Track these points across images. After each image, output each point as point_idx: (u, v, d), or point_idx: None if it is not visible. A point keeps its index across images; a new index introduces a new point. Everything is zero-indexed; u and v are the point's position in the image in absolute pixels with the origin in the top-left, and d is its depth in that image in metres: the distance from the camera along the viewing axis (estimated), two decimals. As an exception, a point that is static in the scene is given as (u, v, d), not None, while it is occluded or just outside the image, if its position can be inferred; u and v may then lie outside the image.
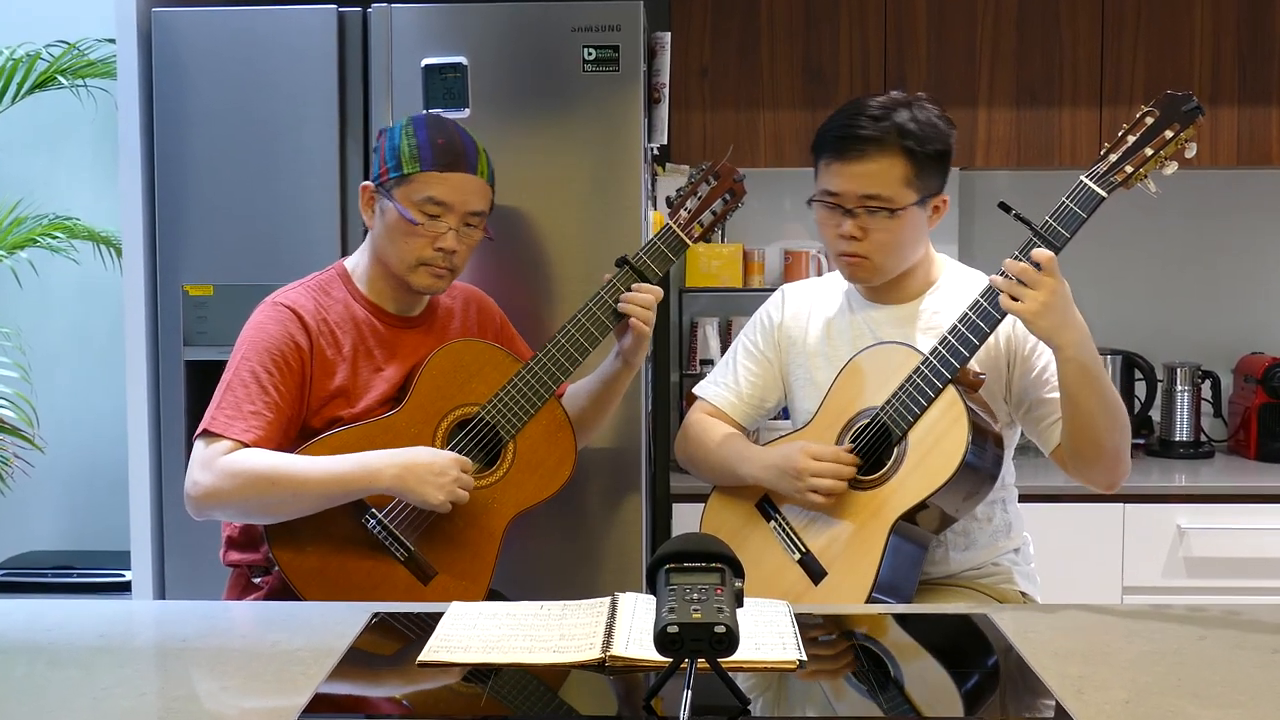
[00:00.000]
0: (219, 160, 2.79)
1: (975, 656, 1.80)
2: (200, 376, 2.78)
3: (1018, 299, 2.00)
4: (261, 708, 1.53)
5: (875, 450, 2.14)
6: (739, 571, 1.48)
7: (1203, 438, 3.61)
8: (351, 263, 2.34)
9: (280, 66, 2.78)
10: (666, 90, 2.92)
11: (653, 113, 2.90)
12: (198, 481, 2.12)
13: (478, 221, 2.28)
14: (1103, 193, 2.04)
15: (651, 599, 1.50)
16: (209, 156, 2.80)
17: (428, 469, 2.11)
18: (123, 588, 3.33)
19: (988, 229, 3.70)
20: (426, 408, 2.22)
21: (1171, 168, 2.05)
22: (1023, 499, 2.39)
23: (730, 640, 1.37)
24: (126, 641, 1.80)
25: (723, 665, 1.42)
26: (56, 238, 3.53)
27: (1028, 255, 2.01)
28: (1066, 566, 3.06)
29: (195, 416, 2.56)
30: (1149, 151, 2.03)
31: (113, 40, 2.91)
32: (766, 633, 1.67)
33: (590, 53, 2.73)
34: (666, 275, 2.35)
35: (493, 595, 2.25)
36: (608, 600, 1.78)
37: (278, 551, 2.14)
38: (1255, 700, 1.49)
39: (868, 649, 1.80)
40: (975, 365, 2.15)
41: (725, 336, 3.58)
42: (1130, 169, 2.04)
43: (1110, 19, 3.38)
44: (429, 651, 1.64)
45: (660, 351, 3.32)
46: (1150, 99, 2.08)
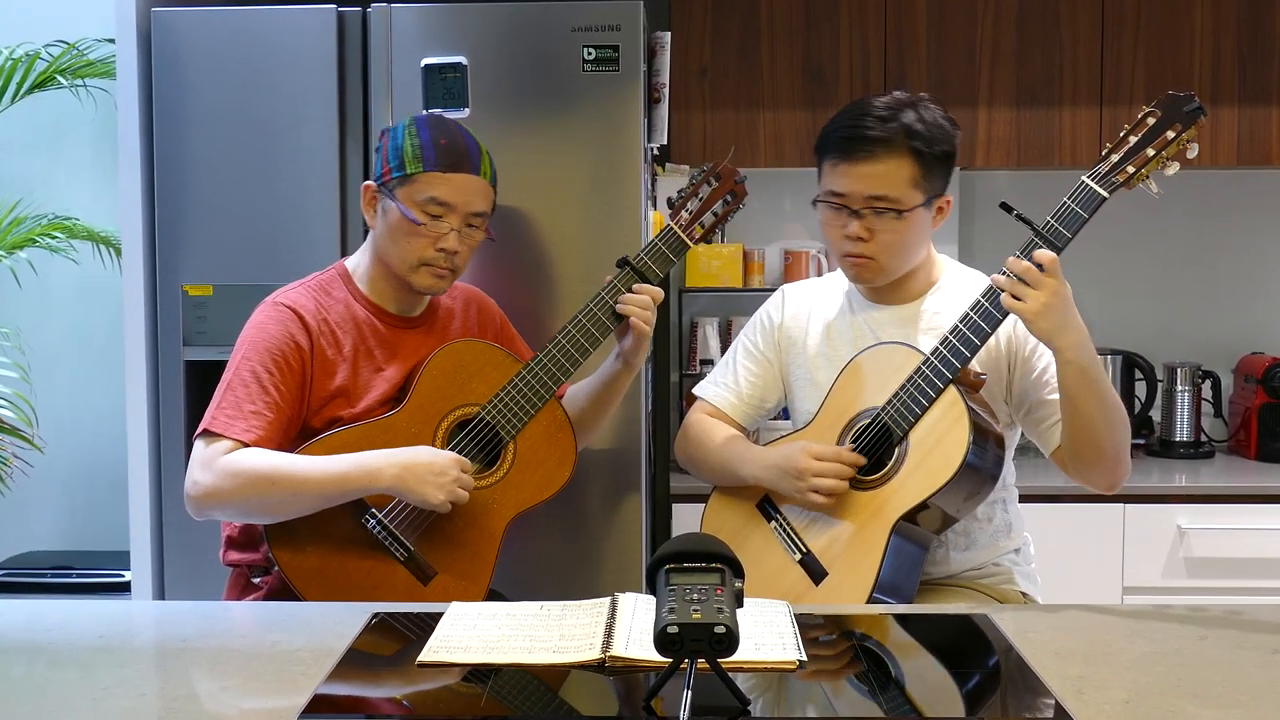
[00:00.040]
0: (219, 160, 2.79)
1: (975, 657, 1.80)
2: (200, 376, 2.78)
3: (1019, 298, 2.00)
4: (261, 708, 1.53)
5: (876, 450, 2.14)
6: (739, 572, 1.48)
7: (1203, 438, 3.61)
8: (352, 263, 2.34)
9: (280, 66, 2.78)
10: (666, 90, 2.92)
11: (653, 113, 2.90)
12: (198, 481, 2.12)
13: (480, 222, 2.28)
14: (1104, 193, 2.04)
15: (651, 599, 1.50)
16: (208, 156, 2.79)
17: (428, 469, 2.11)
18: (122, 588, 3.33)
19: (988, 229, 3.70)
20: (427, 408, 2.22)
21: (1173, 168, 2.05)
22: (1023, 499, 2.39)
23: (730, 640, 1.37)
24: (126, 642, 1.80)
25: (723, 665, 1.42)
26: (56, 238, 3.53)
27: (1030, 256, 2.01)
28: (1067, 567, 3.06)
29: (195, 416, 2.56)
30: (1150, 152, 2.03)
31: (112, 40, 2.91)
32: (766, 633, 1.67)
33: (590, 53, 2.72)
34: (667, 276, 2.35)
35: (492, 595, 2.25)
36: (607, 600, 1.78)
37: (277, 551, 2.14)
38: (1256, 700, 1.49)
39: (868, 649, 1.80)
40: (976, 366, 2.15)
41: (725, 336, 3.58)
42: (1132, 169, 2.03)
43: (1110, 19, 3.38)
44: (429, 652, 1.64)
45: (660, 352, 3.32)
46: (1150, 99, 2.08)
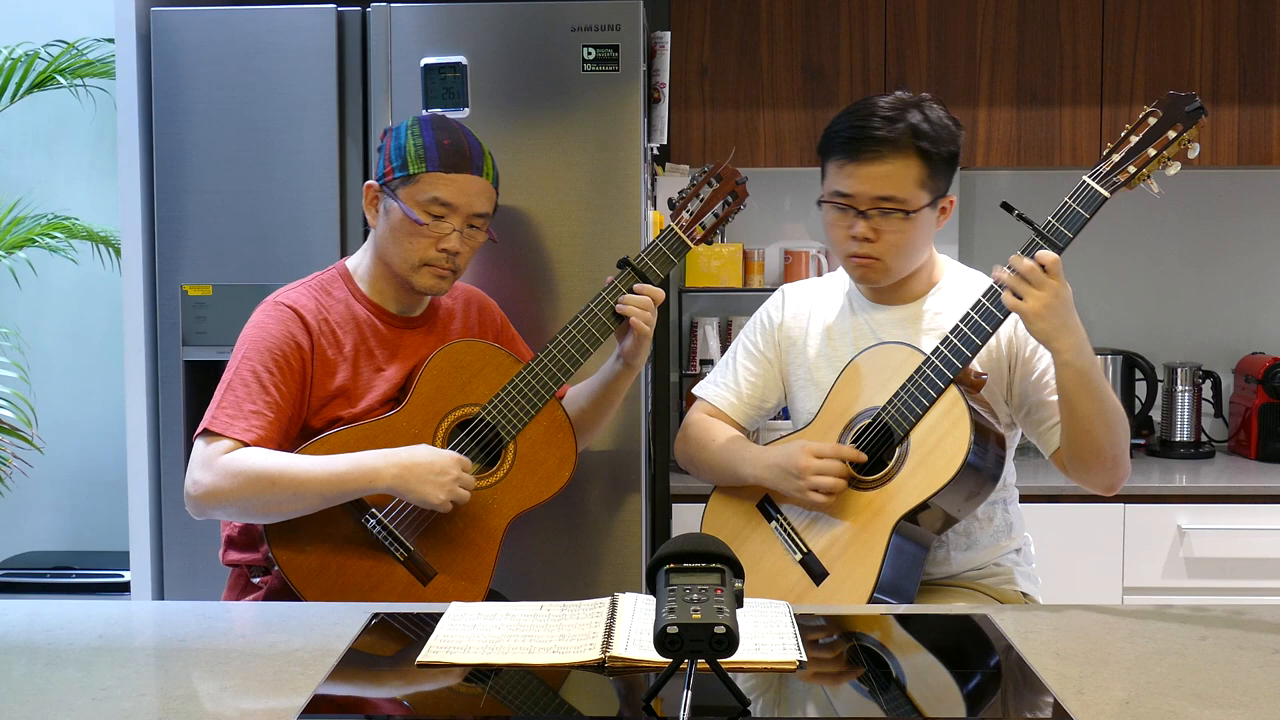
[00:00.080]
0: (218, 160, 2.79)
1: (976, 657, 1.79)
2: (199, 376, 2.78)
3: (1021, 297, 2.00)
4: (261, 708, 1.53)
5: (877, 450, 2.14)
6: (739, 572, 1.48)
7: (1203, 438, 3.61)
8: (353, 263, 2.34)
9: (279, 66, 2.77)
10: (666, 90, 2.92)
11: (652, 112, 2.90)
12: (198, 481, 2.11)
13: (481, 223, 2.28)
14: (1105, 193, 2.03)
15: (651, 599, 1.50)
16: (208, 156, 2.79)
17: (428, 468, 2.11)
18: (122, 588, 3.34)
19: (988, 229, 3.70)
20: (427, 408, 2.22)
21: (1174, 168, 2.05)
22: (1023, 499, 2.39)
23: (730, 641, 1.37)
24: (126, 642, 1.80)
25: (722, 666, 1.42)
26: (55, 238, 3.53)
27: (1032, 256, 2.01)
28: (1067, 567, 3.06)
29: (194, 416, 2.56)
30: (1152, 152, 2.03)
31: (111, 40, 2.91)
32: (766, 633, 1.67)
33: (590, 52, 2.72)
34: (667, 277, 2.35)
35: (492, 595, 2.25)
36: (607, 601, 1.78)
37: (277, 551, 2.14)
38: (1256, 701, 1.49)
39: (868, 649, 1.80)
40: (977, 366, 2.15)
41: (725, 336, 3.58)
42: (1133, 169, 2.03)
43: (1111, 18, 3.38)
44: (428, 652, 1.64)
45: (660, 352, 3.32)
46: (1151, 98, 2.08)
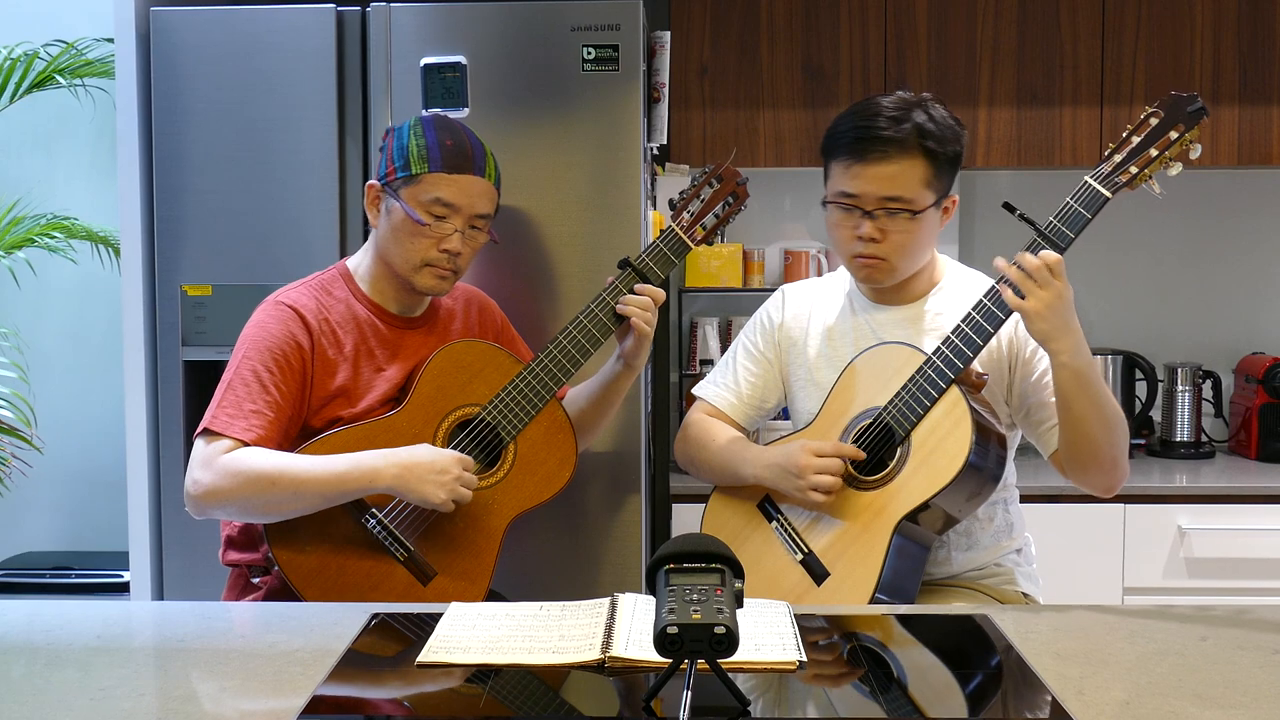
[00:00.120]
0: (217, 160, 2.79)
1: (976, 657, 1.79)
2: (199, 376, 2.78)
3: (1024, 295, 2.00)
4: (260, 709, 1.53)
5: (878, 451, 2.14)
6: (739, 572, 1.48)
7: (1204, 438, 3.60)
8: (354, 262, 2.34)
9: (279, 66, 2.77)
10: (666, 90, 2.92)
11: (652, 112, 2.90)
12: (198, 480, 2.11)
13: (483, 224, 2.28)
14: (1107, 193, 2.03)
15: (651, 600, 1.50)
16: (207, 156, 2.79)
17: (429, 468, 2.11)
18: (121, 588, 3.34)
19: (988, 229, 3.70)
20: (427, 408, 2.22)
21: (1176, 169, 2.04)
22: (1024, 499, 2.38)
23: (730, 641, 1.36)
24: (125, 642, 1.80)
25: (722, 666, 1.42)
26: (54, 237, 3.53)
27: (1035, 255, 2.01)
28: (1068, 567, 3.06)
29: (194, 417, 2.56)
30: (1153, 152, 2.02)
31: (111, 40, 2.90)
32: (766, 633, 1.67)
33: (590, 52, 2.72)
34: (667, 277, 2.34)
35: (492, 596, 2.24)
36: (607, 601, 1.77)
37: (277, 551, 2.14)
38: (1256, 701, 1.49)
39: (868, 650, 1.80)
40: (978, 366, 2.15)
41: (725, 337, 3.58)
42: (1135, 170, 2.03)
43: (1111, 18, 3.37)
44: (428, 652, 1.63)
45: (660, 352, 3.31)
46: (1151, 98, 2.08)
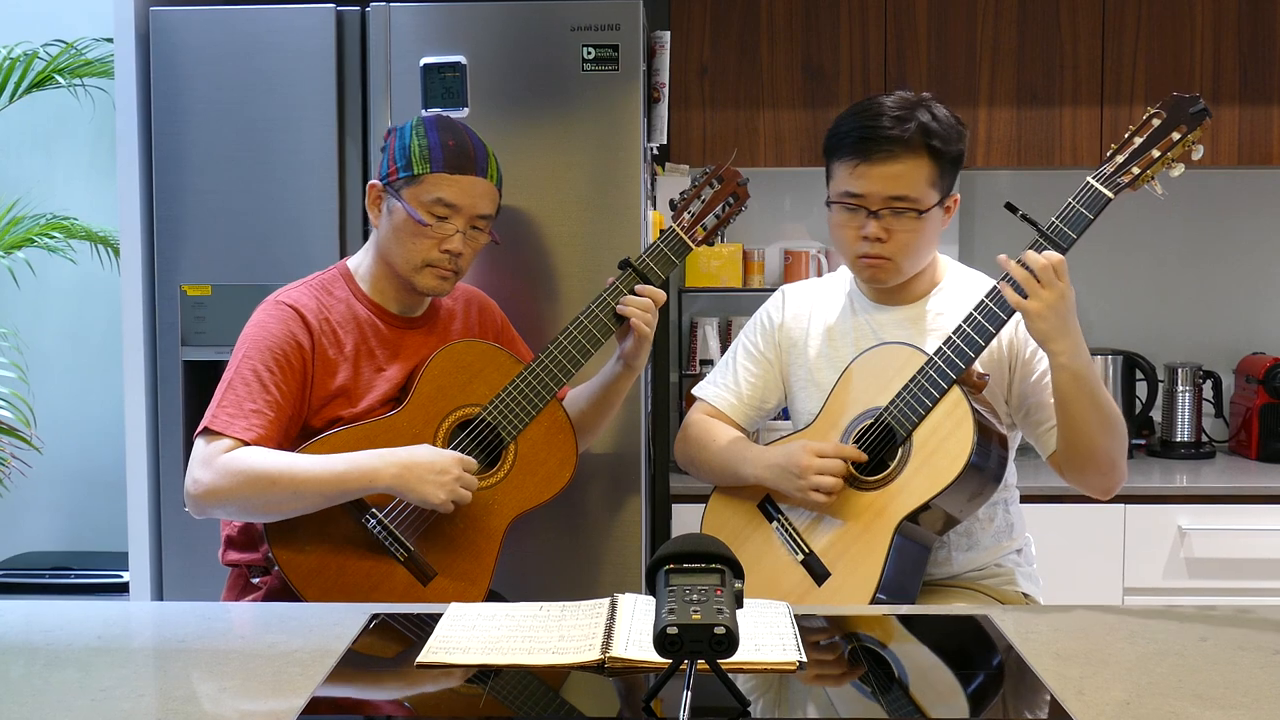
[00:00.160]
0: (217, 160, 2.79)
1: (976, 657, 1.79)
2: (198, 376, 2.78)
3: (1027, 294, 2.00)
4: (260, 709, 1.53)
5: (879, 451, 2.14)
6: (739, 572, 1.48)
7: (1204, 438, 3.60)
8: (354, 262, 2.33)
9: (278, 66, 2.77)
10: (666, 89, 2.91)
11: (652, 112, 2.90)
12: (198, 479, 2.11)
13: (484, 225, 2.28)
14: (1109, 194, 2.03)
15: (651, 600, 1.50)
16: (207, 156, 2.79)
17: (429, 468, 2.11)
18: (120, 589, 3.33)
19: (988, 229, 3.70)
20: (428, 408, 2.22)
21: (1178, 170, 2.04)
22: (1024, 500, 2.38)
23: (730, 641, 1.36)
24: (125, 642, 1.80)
25: (722, 666, 1.42)
26: (54, 237, 3.53)
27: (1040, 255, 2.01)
28: (1068, 567, 3.06)
29: (193, 417, 2.56)
30: (1155, 153, 2.02)
31: (110, 39, 2.90)
32: (766, 634, 1.67)
33: (589, 52, 2.72)
34: (668, 278, 2.34)
35: (492, 596, 2.24)
36: (607, 601, 1.77)
37: (277, 551, 2.13)
38: (1257, 701, 1.49)
39: (868, 650, 1.80)
40: (979, 367, 2.15)
41: (725, 337, 3.58)
42: (1137, 170, 2.03)
43: (1111, 18, 3.37)
44: (428, 653, 1.63)
45: (660, 352, 3.31)
46: (1152, 98, 2.08)
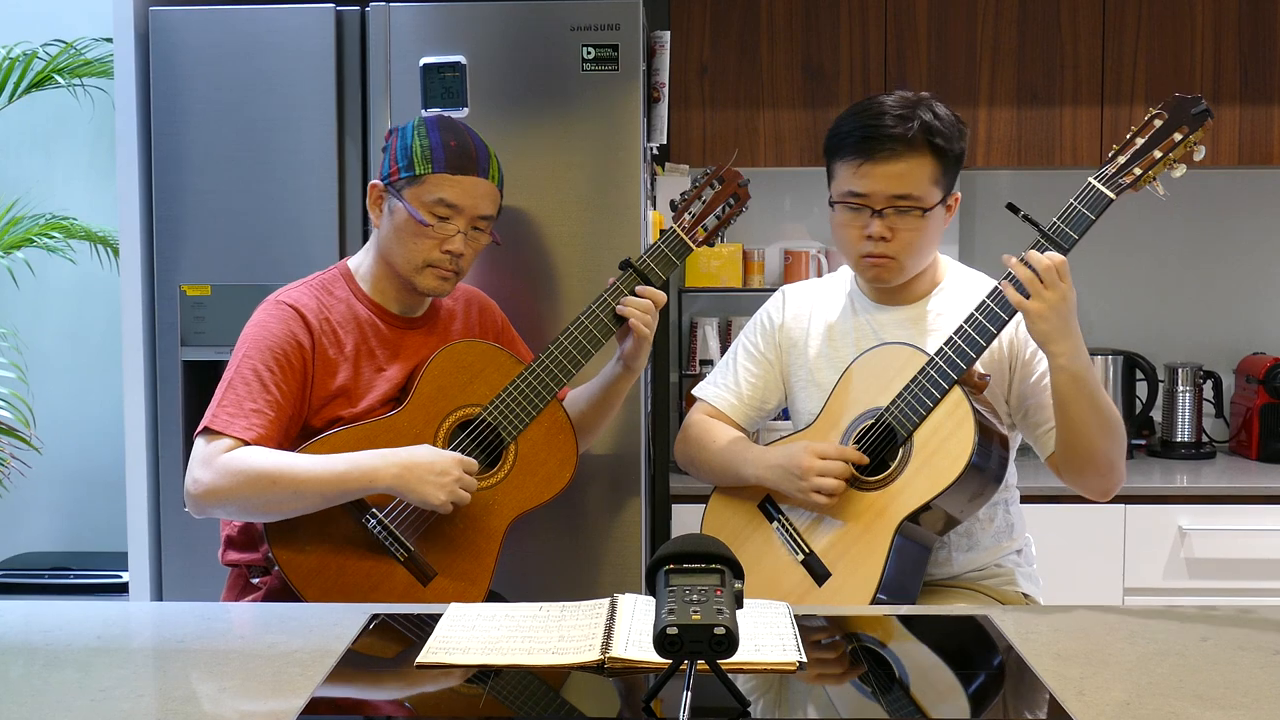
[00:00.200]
0: (216, 160, 2.79)
1: (976, 658, 1.79)
2: (198, 376, 2.78)
3: (1029, 295, 2.00)
4: (259, 710, 1.53)
5: (880, 451, 2.13)
6: (739, 572, 1.48)
7: (1204, 438, 3.60)
8: (355, 262, 2.33)
9: (278, 65, 2.77)
10: (666, 89, 2.91)
11: (652, 112, 2.90)
12: (198, 479, 2.11)
13: (486, 225, 2.28)
14: (1111, 195, 2.03)
15: (651, 600, 1.49)
16: (206, 156, 2.79)
17: (429, 469, 2.10)
18: (120, 589, 3.33)
19: (988, 229, 3.70)
20: (428, 408, 2.21)
21: (1180, 170, 2.04)
22: (1025, 500, 2.38)
23: (730, 642, 1.36)
24: (124, 643, 1.79)
25: (722, 667, 1.42)
26: (53, 237, 3.53)
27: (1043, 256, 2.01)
28: (1068, 568, 3.05)
29: (193, 417, 2.56)
30: (1157, 154, 2.02)
31: (110, 39, 2.90)
32: (766, 634, 1.66)
33: (589, 52, 2.72)
34: (668, 278, 2.34)
35: (492, 596, 2.24)
36: (607, 601, 1.77)
37: (277, 550, 2.13)
38: (1257, 702, 1.49)
39: (868, 650, 1.79)
40: (980, 367, 2.15)
41: (725, 337, 3.58)
42: (1139, 171, 2.03)
43: (1111, 18, 3.37)
44: (427, 653, 1.63)
45: (660, 352, 3.31)
46: (1152, 98, 2.08)
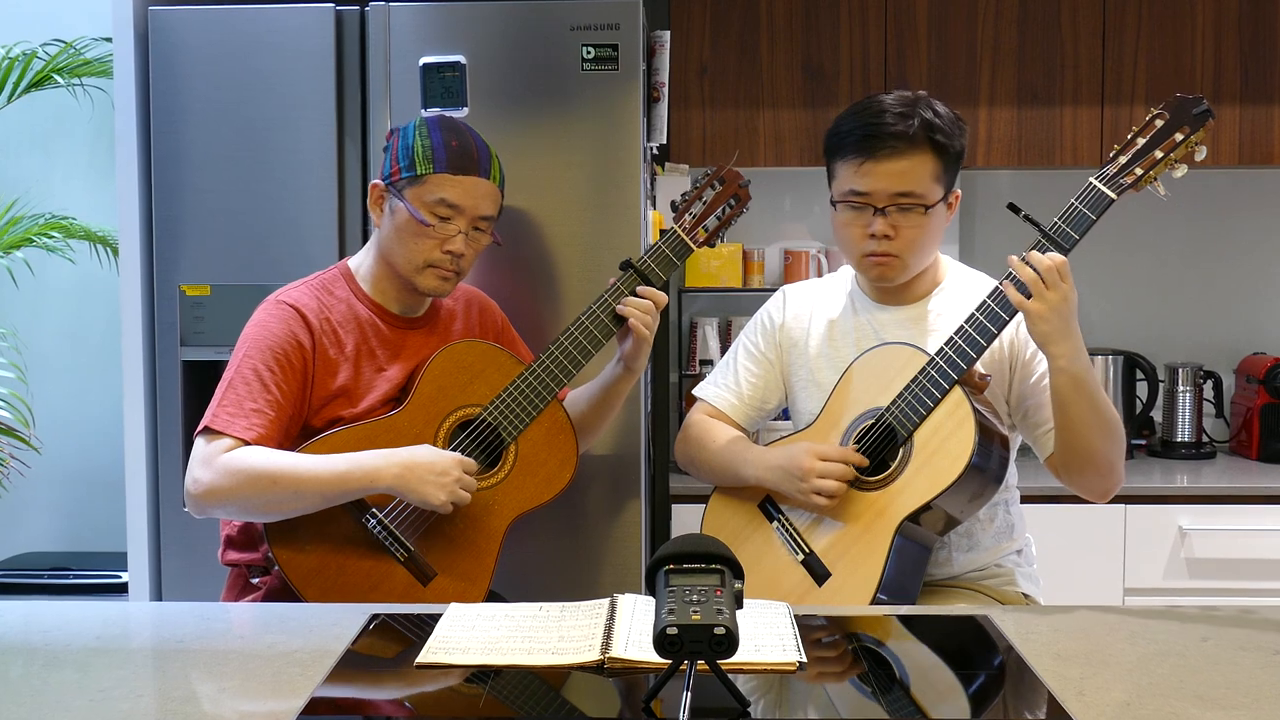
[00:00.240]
0: (216, 159, 2.78)
1: (977, 658, 1.79)
2: (197, 376, 2.78)
3: (1030, 295, 2.00)
4: (259, 710, 1.53)
5: (880, 451, 2.13)
6: (739, 573, 1.47)
7: (1204, 438, 3.60)
8: (355, 262, 2.33)
9: (277, 65, 2.77)
10: (666, 89, 2.91)
11: (652, 112, 2.89)
12: (198, 479, 2.11)
13: (487, 226, 2.28)
14: (1112, 195, 2.03)
15: (651, 600, 1.49)
16: (206, 156, 2.78)
17: (429, 469, 2.10)
18: (120, 589, 3.33)
19: (988, 229, 3.70)
20: (429, 408, 2.21)
21: (1181, 170, 2.04)
22: (1025, 500, 2.38)
23: (729, 642, 1.36)
24: (124, 643, 1.79)
25: (722, 667, 1.41)
26: (53, 237, 3.53)
27: (1045, 257, 2.01)
28: (1068, 568, 3.05)
29: (192, 417, 2.55)
30: (1159, 154, 2.02)
31: (109, 39, 2.90)
32: (766, 634, 1.66)
33: (589, 51, 2.71)
34: (668, 279, 2.34)
35: (492, 597, 2.24)
36: (607, 602, 1.77)
37: (277, 550, 2.13)
38: (1257, 702, 1.48)
39: (868, 650, 1.79)
40: (980, 367, 2.15)
41: (725, 337, 3.57)
42: (1140, 171, 2.03)
43: (1112, 18, 3.37)
44: (427, 653, 1.63)
45: (659, 352, 3.31)
46: (1152, 98, 2.08)
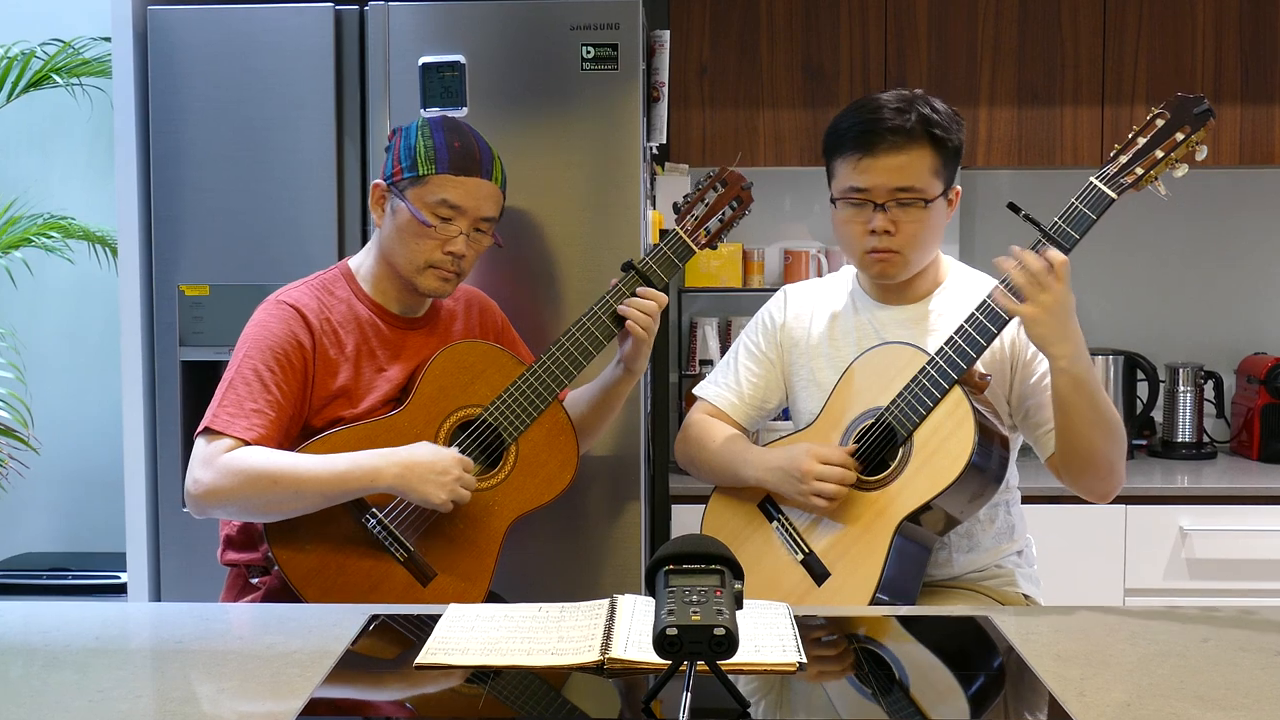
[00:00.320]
0: (215, 159, 2.78)
1: (977, 659, 1.79)
2: (196, 377, 2.78)
3: (1024, 299, 1.99)
4: (258, 711, 1.52)
5: (879, 451, 2.13)
6: (738, 573, 1.47)
7: (1205, 439, 3.60)
8: (356, 262, 2.33)
9: (277, 65, 2.76)
10: (666, 89, 2.91)
11: (652, 112, 2.89)
12: (199, 479, 2.11)
13: (488, 227, 2.27)
14: (1113, 194, 2.02)
15: (650, 601, 1.49)
16: (205, 155, 2.78)
17: (429, 468, 2.10)
18: (119, 589, 3.33)
19: (989, 229, 3.69)
20: (429, 408, 2.21)
21: (1182, 170, 2.04)
22: (1025, 501, 2.38)
23: (729, 642, 1.36)
24: (123, 643, 1.79)
25: (722, 667, 1.41)
26: (51, 237, 3.52)
27: (1037, 255, 2.00)
28: (1069, 569, 3.05)
29: (191, 417, 2.55)
30: (1159, 154, 2.02)
31: (108, 39, 2.90)
32: (766, 635, 1.66)
33: (589, 51, 2.71)
34: (670, 280, 2.34)
35: (492, 597, 2.24)
36: (606, 602, 1.77)
37: (277, 550, 2.13)
38: (1258, 703, 1.48)
39: (868, 651, 1.79)
40: (981, 367, 2.14)
41: (725, 337, 3.57)
42: (1140, 171, 2.02)
43: (1112, 17, 3.37)
44: (426, 654, 1.63)
45: (659, 352, 3.30)
46: (1153, 98, 2.07)
